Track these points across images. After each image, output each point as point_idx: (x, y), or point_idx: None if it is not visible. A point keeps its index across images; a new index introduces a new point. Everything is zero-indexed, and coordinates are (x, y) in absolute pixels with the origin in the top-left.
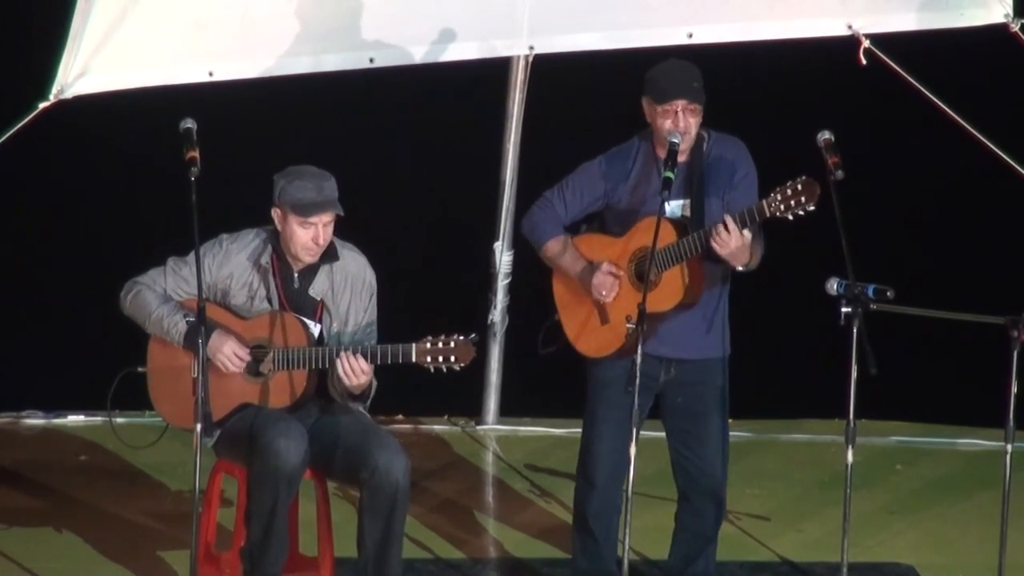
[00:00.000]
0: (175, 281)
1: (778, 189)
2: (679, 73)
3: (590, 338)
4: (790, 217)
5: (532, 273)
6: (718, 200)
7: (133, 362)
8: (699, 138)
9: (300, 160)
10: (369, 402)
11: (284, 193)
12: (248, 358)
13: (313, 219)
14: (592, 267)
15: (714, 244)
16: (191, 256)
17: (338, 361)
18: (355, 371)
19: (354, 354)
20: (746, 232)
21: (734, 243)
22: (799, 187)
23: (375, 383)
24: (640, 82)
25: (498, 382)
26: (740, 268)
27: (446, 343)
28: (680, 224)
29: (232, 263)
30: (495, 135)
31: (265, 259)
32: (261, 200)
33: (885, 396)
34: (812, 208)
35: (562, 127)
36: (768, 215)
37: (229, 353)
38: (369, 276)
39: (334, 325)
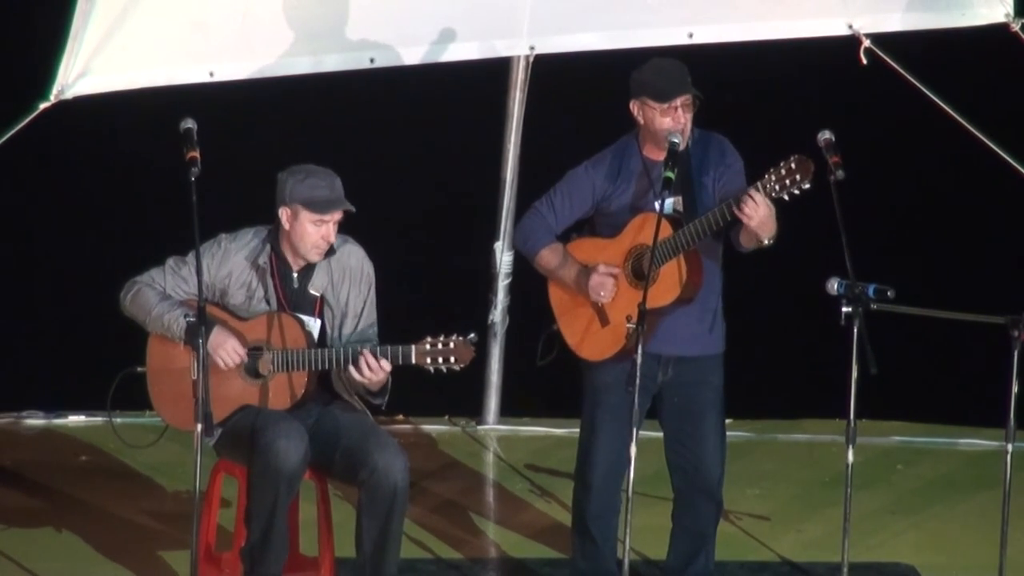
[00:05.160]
0: (174, 280)
1: (772, 169)
2: (674, 71)
3: (591, 342)
4: (786, 197)
5: (532, 274)
6: (709, 194)
7: (133, 362)
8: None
9: (301, 160)
10: (387, 398)
11: (295, 192)
12: (246, 357)
13: (328, 216)
14: (587, 270)
15: (744, 214)
16: (190, 256)
17: (360, 360)
18: (374, 369)
19: (356, 356)
20: (771, 204)
21: (763, 211)
22: (792, 165)
23: (390, 379)
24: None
25: (499, 382)
26: (767, 241)
27: (445, 344)
28: (674, 220)
29: (230, 263)
30: (495, 135)
31: (263, 259)
32: (261, 200)
33: (885, 396)
34: (807, 186)
35: (562, 127)
36: (763, 196)
37: (230, 350)
38: (367, 267)
39: (335, 319)
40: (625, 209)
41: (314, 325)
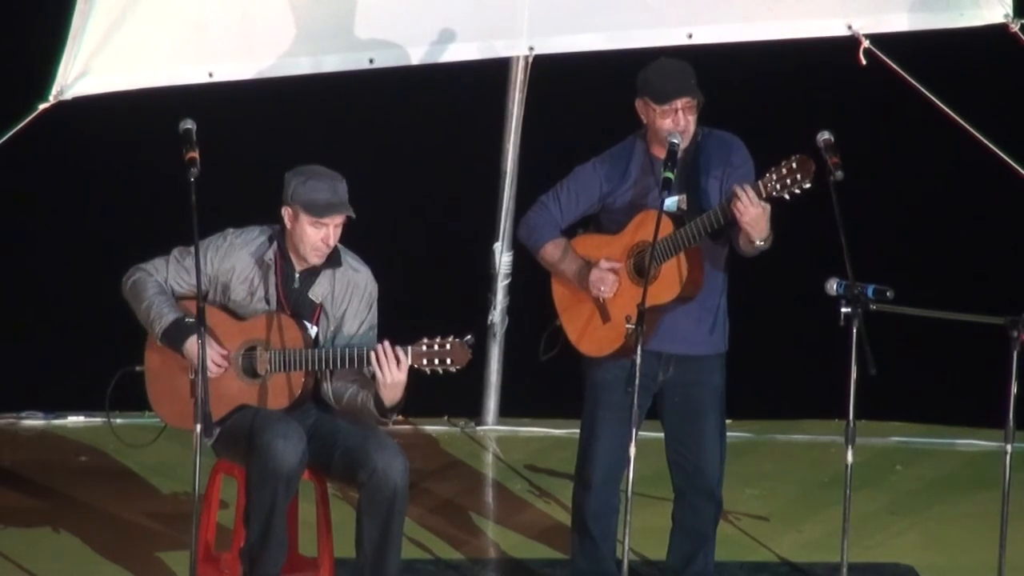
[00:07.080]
0: (176, 271)
1: (773, 168)
2: (676, 72)
3: (592, 338)
4: (787, 197)
5: (532, 274)
6: (714, 194)
7: (133, 362)
8: (693, 134)
9: (300, 161)
10: (397, 415)
11: (297, 193)
12: (225, 363)
13: (326, 220)
14: (589, 265)
15: (736, 209)
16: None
17: (374, 356)
18: (390, 360)
19: (358, 355)
20: (765, 204)
21: (753, 209)
22: (794, 165)
23: (404, 395)
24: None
25: (498, 383)
26: (759, 243)
27: (442, 346)
28: (677, 218)
29: (235, 257)
30: (495, 135)
31: (269, 256)
32: (261, 200)
33: (885, 396)
34: (808, 186)
35: (562, 127)
36: (765, 195)
37: (212, 355)
38: (371, 288)
39: (331, 330)
40: (630, 206)
41: (311, 331)
